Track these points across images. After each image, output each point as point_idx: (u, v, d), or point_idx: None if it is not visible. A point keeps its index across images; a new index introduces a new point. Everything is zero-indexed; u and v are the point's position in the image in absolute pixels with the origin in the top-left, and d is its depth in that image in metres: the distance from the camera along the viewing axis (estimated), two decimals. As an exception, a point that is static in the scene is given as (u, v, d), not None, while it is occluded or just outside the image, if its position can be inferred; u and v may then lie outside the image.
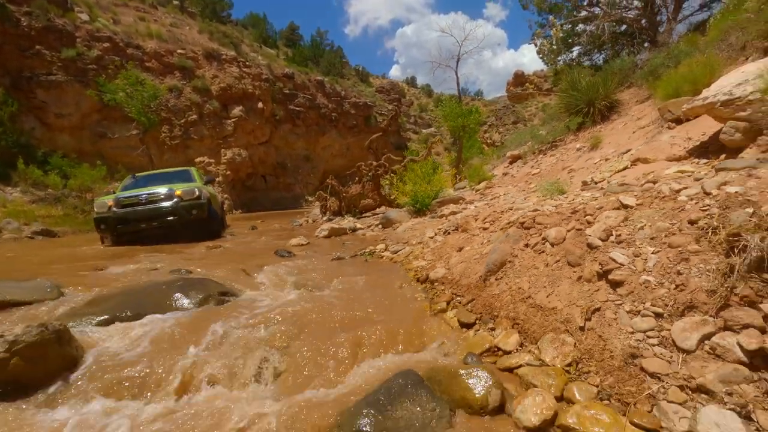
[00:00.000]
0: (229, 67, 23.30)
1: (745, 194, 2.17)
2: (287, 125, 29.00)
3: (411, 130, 54.72)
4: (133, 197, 6.87)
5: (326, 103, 33.09)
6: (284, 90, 29.38)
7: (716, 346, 1.67)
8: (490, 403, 1.84)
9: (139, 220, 6.70)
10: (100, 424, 1.90)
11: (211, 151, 22.00)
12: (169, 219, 6.81)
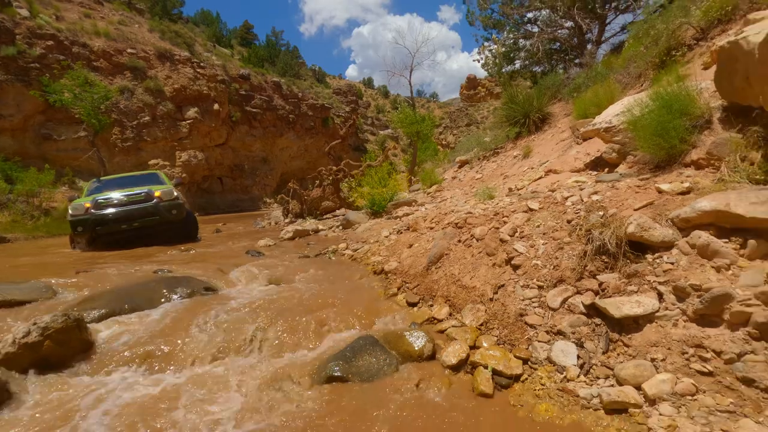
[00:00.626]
0: (183, 67, 22.92)
1: (601, 201, 3.08)
2: (244, 127, 28.81)
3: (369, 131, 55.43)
4: (111, 198, 6.96)
5: (283, 105, 33.12)
6: (240, 91, 29.17)
7: (570, 305, 2.51)
8: (425, 353, 2.59)
9: (120, 220, 6.78)
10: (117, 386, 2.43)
11: (166, 153, 21.59)
12: (151, 219, 6.99)
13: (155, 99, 21.12)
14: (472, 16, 14.44)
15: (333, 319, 3.23)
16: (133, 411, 2.21)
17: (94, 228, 6.72)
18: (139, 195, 7.10)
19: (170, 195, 7.33)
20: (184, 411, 2.18)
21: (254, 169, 30.35)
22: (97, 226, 6.72)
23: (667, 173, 3.18)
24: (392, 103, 72.74)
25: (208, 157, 23.90)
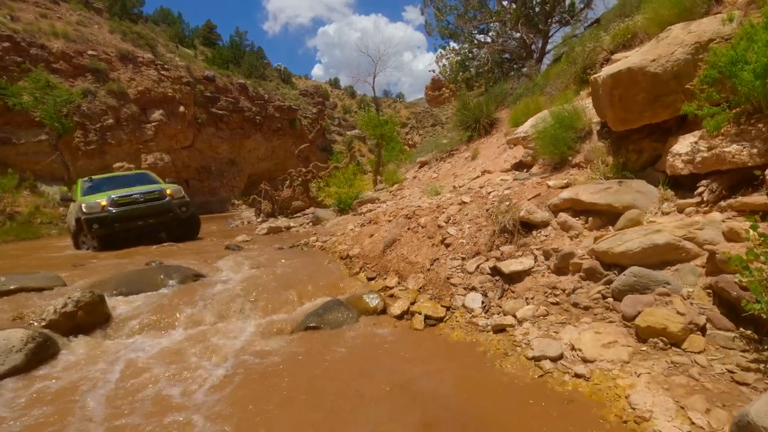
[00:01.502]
0: (146, 69, 22.80)
1: (510, 195, 4.08)
2: (210, 129, 28.79)
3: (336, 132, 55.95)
4: (128, 196, 7.20)
5: (250, 107, 33.21)
6: (206, 93, 29.12)
7: (481, 269, 3.47)
8: (378, 309, 3.48)
9: (137, 217, 7.11)
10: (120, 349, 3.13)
11: (131, 156, 21.45)
12: (164, 216, 7.38)
13: (119, 101, 20.95)
14: (429, 27, 15.52)
15: (307, 291, 4.07)
16: (156, 356, 2.97)
17: (113, 225, 6.92)
18: (154, 193, 7.44)
19: (180, 193, 7.80)
20: (198, 353, 2.96)
21: (221, 171, 30.33)
22: (116, 223, 6.92)
23: (559, 172, 4.23)
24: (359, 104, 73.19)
25: (175, 160, 23.86)
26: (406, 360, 2.68)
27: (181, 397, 2.33)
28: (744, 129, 2.52)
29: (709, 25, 2.88)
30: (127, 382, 2.55)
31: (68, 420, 2.13)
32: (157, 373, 2.65)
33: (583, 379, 2.08)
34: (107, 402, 2.31)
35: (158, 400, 2.31)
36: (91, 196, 7.40)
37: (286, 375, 2.54)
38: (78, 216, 7.07)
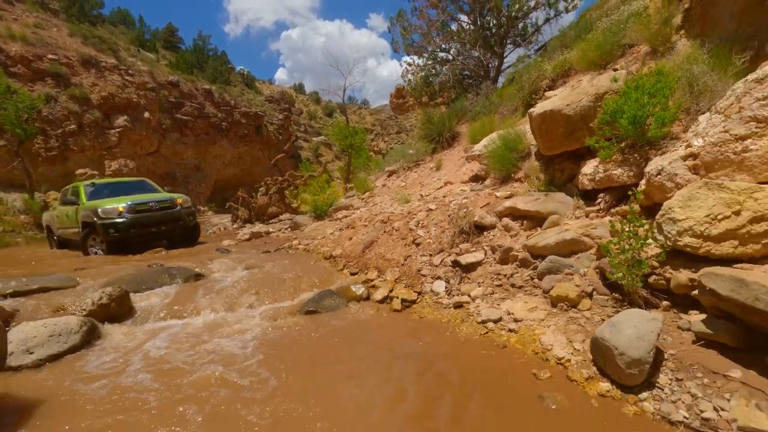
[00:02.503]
0: (110, 75, 22.45)
1: (467, 203, 5.05)
2: (175, 134, 28.50)
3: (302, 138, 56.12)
4: (144, 203, 7.59)
5: (216, 113, 33.07)
6: (170, 98, 28.82)
7: (444, 262, 4.39)
8: (363, 296, 4.31)
9: (151, 224, 7.52)
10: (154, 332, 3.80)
11: (94, 162, 21.02)
12: (175, 223, 7.81)
13: (81, 107, 20.55)
14: (396, 44, 16.57)
15: (301, 285, 4.85)
16: (181, 337, 3.65)
17: (129, 230, 7.25)
18: (166, 202, 7.86)
19: (188, 203, 8.28)
20: (223, 329, 3.68)
21: (187, 177, 30.03)
22: (132, 229, 7.25)
23: (505, 185, 5.25)
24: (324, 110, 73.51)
25: (140, 166, 23.56)
26: (389, 331, 3.54)
27: (224, 354, 3.07)
28: (625, 158, 3.59)
29: (604, 81, 3.96)
30: (170, 349, 3.24)
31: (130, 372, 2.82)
32: (194, 341, 3.36)
33: (513, 332, 3.02)
34: (168, 350, 3.01)
35: (199, 361, 3.03)
36: (104, 201, 7.59)
37: (300, 341, 3.33)
38: (91, 220, 7.27)
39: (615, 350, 2.13)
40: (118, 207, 7.28)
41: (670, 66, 4.05)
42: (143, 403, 2.46)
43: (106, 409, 2.40)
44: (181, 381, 2.73)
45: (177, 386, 2.65)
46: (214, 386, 2.64)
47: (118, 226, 7.16)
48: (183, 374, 2.82)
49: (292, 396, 2.48)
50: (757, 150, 2.47)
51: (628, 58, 5.99)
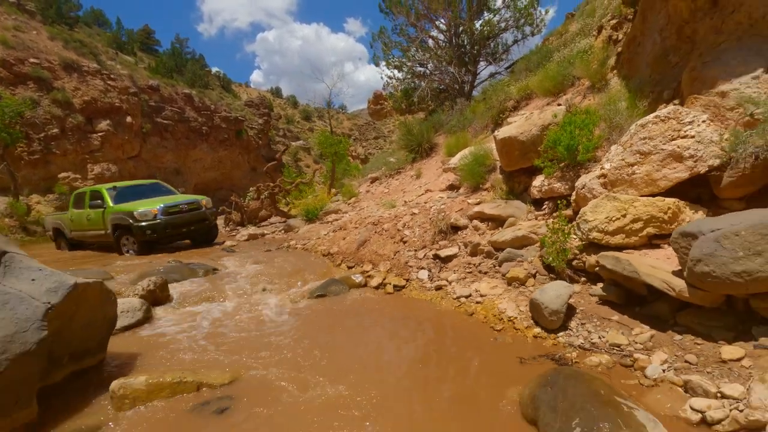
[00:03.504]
0: (92, 79, 22.59)
1: (444, 208, 6.16)
2: (155, 138, 28.65)
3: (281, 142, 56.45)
4: (175, 205, 8.28)
5: (196, 117, 33.31)
6: (150, 102, 28.98)
7: (427, 256, 5.47)
8: (362, 283, 5.34)
9: (182, 225, 8.14)
10: (196, 312, 4.70)
11: (76, 166, 21.13)
12: (201, 223, 8.54)
13: (64, 111, 20.67)
14: (377, 58, 17.67)
15: (308, 275, 5.82)
16: (219, 315, 4.57)
17: (164, 230, 7.91)
18: (194, 204, 8.60)
19: (210, 204, 9.08)
20: (252, 310, 4.61)
21: (167, 181, 29.94)
22: (167, 229, 7.92)
23: (475, 193, 6.40)
24: (301, 113, 73.62)
25: (122, 170, 23.71)
26: (385, 306, 4.57)
27: (261, 327, 4.02)
28: (563, 175, 4.77)
29: (548, 116, 5.15)
30: (219, 322, 4.17)
31: (189, 334, 3.74)
32: (234, 318, 4.30)
33: (479, 304, 4.12)
34: (215, 323, 3.94)
35: (245, 327, 3.98)
36: (137, 204, 8.20)
37: (318, 316, 4.33)
38: (126, 222, 7.90)
39: (542, 305, 3.24)
40: (152, 209, 7.89)
41: (597, 104, 5.29)
42: (204, 349, 3.41)
43: (182, 352, 3.33)
44: (227, 336, 3.68)
45: (225, 340, 3.61)
46: (251, 340, 3.61)
47: (154, 227, 7.79)
48: (230, 333, 3.77)
49: (318, 341, 3.48)
50: (640, 173, 3.66)
51: (575, 89, 7.28)
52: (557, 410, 2.00)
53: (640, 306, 3.14)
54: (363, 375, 2.88)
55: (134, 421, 2.38)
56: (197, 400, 2.58)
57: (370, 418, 2.32)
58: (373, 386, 2.70)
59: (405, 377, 2.94)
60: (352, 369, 2.97)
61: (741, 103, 3.62)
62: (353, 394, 2.59)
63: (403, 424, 2.31)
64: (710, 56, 4.39)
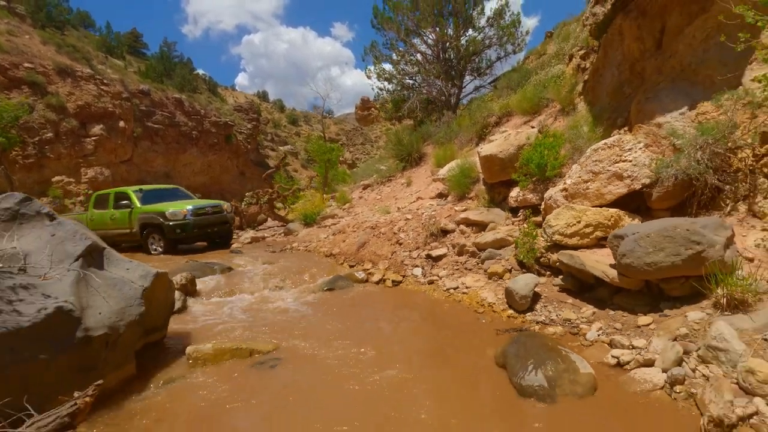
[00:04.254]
0: (85, 84, 22.91)
1: (434, 214, 7.06)
2: (146, 142, 28.95)
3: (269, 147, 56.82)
4: (202, 208, 8.98)
5: (186, 121, 33.66)
6: (141, 107, 29.31)
7: (420, 255, 6.34)
8: (364, 279, 6.18)
9: (207, 226, 8.81)
10: (223, 302, 5.47)
11: (70, 170, 21.40)
12: (223, 225, 9.30)
13: (58, 115, 20.96)
14: (369, 72, 18.59)
15: (314, 273, 6.62)
16: (244, 304, 5.35)
17: (193, 230, 8.56)
18: (218, 207, 9.34)
19: (230, 209, 9.84)
20: (271, 302, 5.40)
21: (157, 185, 30.33)
22: (195, 229, 8.55)
23: (461, 201, 7.32)
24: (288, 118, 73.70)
25: (114, 174, 24.00)
26: (386, 297, 5.42)
27: (284, 313, 4.82)
28: (534, 187, 5.72)
29: (523, 137, 6.11)
30: (246, 310, 4.96)
31: (221, 320, 4.52)
32: (260, 307, 5.08)
33: (465, 294, 5.00)
34: (243, 311, 4.73)
35: (271, 313, 4.78)
36: (167, 205, 8.80)
37: (331, 305, 5.15)
38: (157, 221, 8.49)
39: (514, 292, 4.14)
40: (182, 210, 8.53)
41: (565, 126, 6.28)
42: (242, 329, 4.20)
43: (225, 332, 4.11)
44: (258, 320, 4.49)
45: (256, 323, 4.41)
46: (279, 322, 4.41)
47: (183, 226, 8.46)
48: (258, 318, 4.58)
49: (335, 322, 4.30)
50: (592, 188, 4.62)
51: (548, 110, 8.31)
52: (519, 356, 2.88)
53: (589, 292, 4.07)
54: (376, 341, 3.72)
55: (209, 374, 3.17)
56: (252, 361, 3.38)
57: (383, 366, 3.16)
58: (385, 347, 3.54)
59: (408, 343, 3.79)
60: (367, 338, 3.81)
61: (670, 134, 4.62)
62: (371, 353, 3.43)
63: (408, 369, 3.15)
64: (651, 93, 5.41)
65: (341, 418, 2.52)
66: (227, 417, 2.62)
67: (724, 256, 3.09)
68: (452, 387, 2.92)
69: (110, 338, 2.78)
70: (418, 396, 2.76)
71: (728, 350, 2.43)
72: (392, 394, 2.80)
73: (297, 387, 2.98)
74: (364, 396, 2.80)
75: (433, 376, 3.09)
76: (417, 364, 3.32)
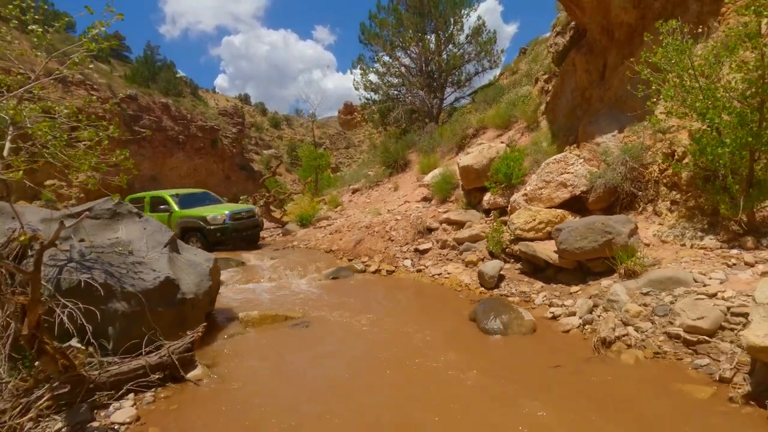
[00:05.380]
0: (76, 90, 23.35)
1: (422, 215, 8.29)
2: (133, 146, 29.31)
3: (253, 151, 57.28)
4: (239, 212, 9.65)
5: (173, 126, 34.13)
6: (128, 111, 29.74)
7: (409, 249, 7.55)
8: (362, 270, 7.35)
9: (243, 229, 9.63)
10: (247, 288, 6.56)
11: (61, 173, 21.80)
12: (256, 229, 10.05)
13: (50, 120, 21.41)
14: (357, 83, 19.78)
15: (319, 266, 7.75)
16: (264, 289, 6.43)
17: (231, 233, 9.22)
18: (251, 211, 10.10)
19: (259, 213, 10.67)
20: (287, 290, 6.51)
21: (144, 188, 30.65)
22: (233, 232, 9.33)
23: (443, 204, 8.58)
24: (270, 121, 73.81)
25: (104, 177, 24.42)
26: (383, 282, 6.60)
27: (301, 295, 5.93)
28: (503, 192, 7.01)
29: (495, 150, 7.41)
30: (269, 292, 6.05)
31: (255, 299, 5.61)
32: (280, 291, 6.19)
33: (447, 278, 6.23)
34: (267, 293, 5.83)
35: (291, 294, 5.89)
36: (206, 210, 9.42)
37: (338, 289, 6.29)
38: (198, 225, 9.06)
39: (485, 273, 5.38)
40: (222, 215, 9.16)
41: (529, 142, 7.60)
42: (271, 304, 5.31)
43: (258, 306, 5.21)
44: (280, 299, 5.60)
45: (280, 301, 5.52)
46: (298, 300, 5.54)
47: (223, 230, 9.13)
48: (280, 297, 5.70)
49: (345, 299, 5.45)
50: (544, 194, 5.92)
51: (517, 125, 9.68)
52: (485, 312, 4.11)
53: (540, 273, 5.35)
54: (378, 310, 4.90)
55: (258, 332, 4.28)
56: (288, 323, 4.50)
57: (385, 323, 4.34)
58: (385, 313, 4.73)
59: (402, 310, 4.98)
60: (371, 308, 4.98)
61: (604, 152, 5.97)
62: (376, 316, 4.60)
63: (404, 324, 4.33)
64: (594, 117, 6.79)
65: (361, 354, 3.69)
66: (283, 352, 3.75)
67: (628, 242, 4.39)
68: (437, 331, 4.13)
69: (194, 302, 3.88)
70: (412, 337, 3.96)
71: (618, 301, 3.71)
72: (394, 337, 3.98)
73: (326, 338, 4.13)
74: (374, 340, 3.97)
75: (423, 327, 4.28)
76: (410, 321, 4.52)
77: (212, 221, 9.10)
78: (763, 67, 3.40)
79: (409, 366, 3.37)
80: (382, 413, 2.72)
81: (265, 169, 55.69)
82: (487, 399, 2.82)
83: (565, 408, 2.62)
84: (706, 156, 3.99)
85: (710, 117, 3.77)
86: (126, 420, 2.55)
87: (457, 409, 2.69)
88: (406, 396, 2.93)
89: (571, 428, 2.42)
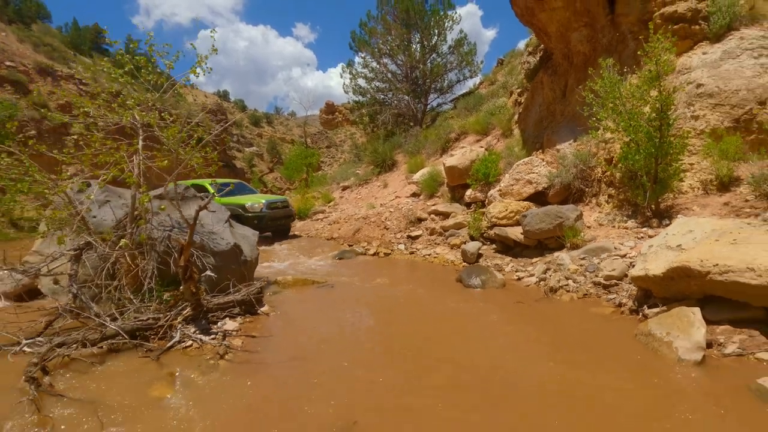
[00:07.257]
0: (66, 84, 23.62)
1: (412, 208, 9.65)
2: (120, 141, 29.54)
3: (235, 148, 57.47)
4: (275, 202, 10.26)
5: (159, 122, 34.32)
6: (115, 106, 29.86)
7: (403, 236, 8.90)
8: (363, 252, 8.65)
9: (278, 218, 10.25)
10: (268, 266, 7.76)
11: (51, 166, 22.11)
12: (289, 219, 10.69)
13: (40, 114, 21.73)
14: (347, 87, 21.01)
15: (325, 249, 9.00)
16: (283, 267, 7.66)
17: (268, 221, 9.77)
18: (285, 202, 10.74)
19: (291, 203, 11.47)
20: (303, 265, 7.75)
21: (130, 183, 30.87)
22: (270, 221, 9.92)
23: (431, 199, 9.97)
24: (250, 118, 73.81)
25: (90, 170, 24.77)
26: (382, 262, 7.92)
27: (317, 270, 7.18)
28: (482, 188, 8.45)
29: (475, 153, 8.83)
30: (289, 267, 7.28)
31: (280, 271, 6.84)
32: (297, 267, 7.42)
33: (436, 258, 7.60)
34: (288, 267, 7.06)
35: (308, 269, 7.13)
36: (245, 198, 10.13)
37: (345, 266, 7.57)
38: (237, 212, 9.38)
39: (467, 251, 6.78)
40: (259, 204, 9.78)
41: (504, 147, 9.07)
42: (289, 273, 6.55)
43: (286, 276, 6.45)
44: (301, 271, 6.85)
45: (301, 272, 6.77)
46: (316, 272, 6.80)
47: (261, 217, 9.69)
48: (300, 270, 6.95)
49: (354, 272, 6.74)
50: (515, 189, 7.37)
51: (494, 132, 11.17)
52: (468, 274, 5.49)
53: (510, 251, 6.79)
54: (382, 278, 6.21)
55: (293, 291, 5.52)
56: (316, 286, 5.76)
57: (389, 286, 5.65)
58: (388, 280, 6.05)
59: (402, 278, 6.31)
60: (377, 277, 6.29)
61: (561, 157, 7.47)
62: (383, 282, 5.92)
63: (405, 287, 5.65)
64: (556, 128, 8.31)
65: (380, 302, 5.00)
66: (319, 301, 5.03)
67: (574, 225, 5.86)
68: (434, 290, 5.48)
69: (251, 263, 5.10)
70: (416, 292, 5.30)
71: (563, 264, 5.16)
72: (402, 293, 5.32)
73: (350, 294, 5.42)
74: (387, 295, 5.29)
75: (423, 286, 5.63)
76: (412, 283, 5.86)
77: (250, 209, 9.71)
78: (660, 100, 4.91)
79: (416, 308, 4.71)
80: (400, 330, 4.05)
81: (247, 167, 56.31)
82: (473, 318, 4.20)
83: (520, 321, 4.03)
84: (629, 161, 5.50)
85: (630, 134, 5.27)
86: (233, 328, 3.79)
87: (451, 324, 4.05)
88: (414, 323, 4.27)
89: (519, 331, 3.81)
